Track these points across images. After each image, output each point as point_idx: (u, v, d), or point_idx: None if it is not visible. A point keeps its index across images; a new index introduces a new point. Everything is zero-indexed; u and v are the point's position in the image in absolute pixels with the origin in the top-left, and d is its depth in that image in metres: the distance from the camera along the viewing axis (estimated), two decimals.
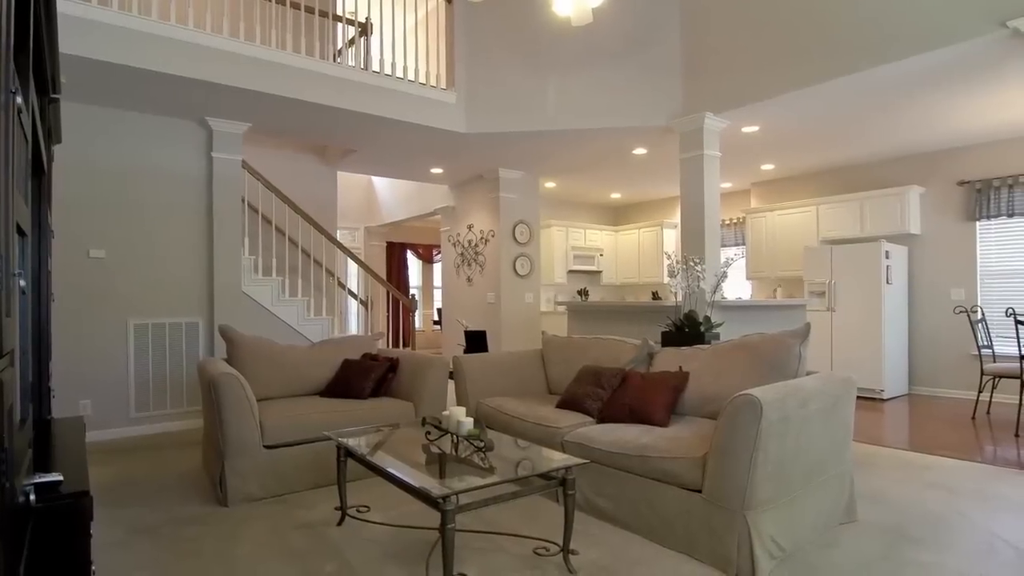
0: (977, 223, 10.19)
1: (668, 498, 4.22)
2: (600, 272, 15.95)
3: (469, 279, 12.79)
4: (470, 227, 12.74)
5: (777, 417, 3.77)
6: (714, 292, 7.58)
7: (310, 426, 5.65)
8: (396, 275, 18.81)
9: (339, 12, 9.25)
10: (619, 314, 8.86)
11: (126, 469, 6.37)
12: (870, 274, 10.33)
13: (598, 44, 8.81)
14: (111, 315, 7.82)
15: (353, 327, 14.45)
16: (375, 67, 8.37)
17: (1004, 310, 8.98)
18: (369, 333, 9.59)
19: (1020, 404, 7.79)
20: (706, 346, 5.77)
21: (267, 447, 5.42)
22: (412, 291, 19.54)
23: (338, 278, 10.89)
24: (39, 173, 3.01)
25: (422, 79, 8.93)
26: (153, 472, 6.25)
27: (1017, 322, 7.63)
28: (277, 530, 4.65)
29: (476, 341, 11.04)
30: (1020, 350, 7.62)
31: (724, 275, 7.47)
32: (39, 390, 3.03)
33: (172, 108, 7.93)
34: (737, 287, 13.62)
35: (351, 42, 9.38)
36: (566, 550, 3.92)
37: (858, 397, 9.59)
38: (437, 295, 19.99)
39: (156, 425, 8.07)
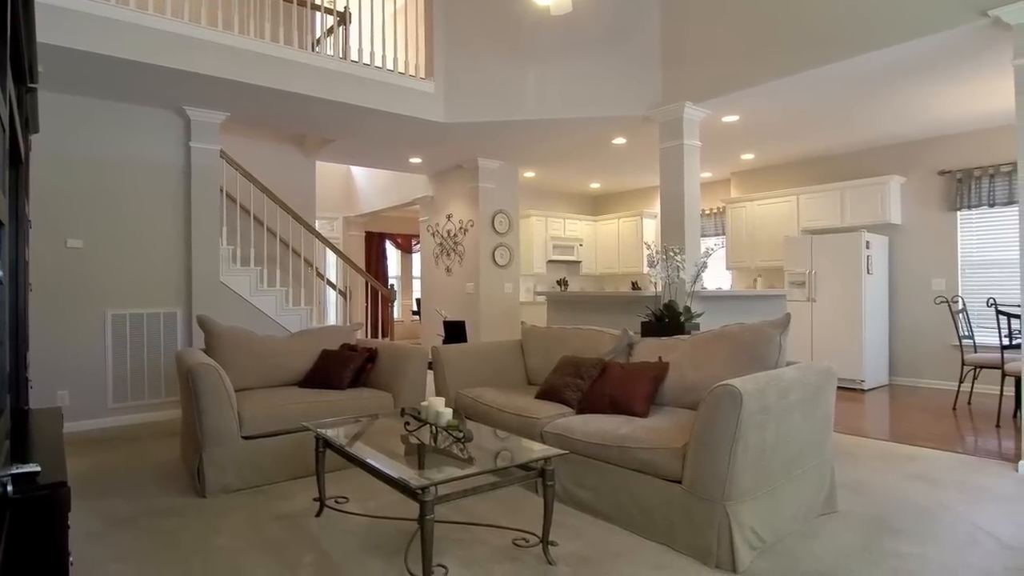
0: (958, 213, 10.25)
1: (648, 489, 4.24)
2: (579, 262, 15.98)
3: (448, 269, 12.79)
4: (449, 217, 12.74)
5: (757, 407, 3.80)
6: (694, 282, 7.61)
7: (288, 417, 5.65)
8: (375, 265, 18.77)
9: (317, 1, 9.23)
10: (598, 304, 8.88)
11: (104, 460, 6.35)
12: (851, 264, 10.39)
13: (578, 33, 8.81)
14: (89, 305, 7.78)
15: (332, 317, 14.44)
16: (353, 56, 8.38)
17: (985, 300, 9.06)
18: (348, 323, 9.59)
19: (1001, 394, 7.90)
20: (686, 336, 5.79)
21: (245, 438, 5.42)
22: (391, 281, 19.50)
23: (316, 268, 10.88)
24: (17, 163, 3.00)
25: (401, 68, 8.91)
26: (131, 463, 6.24)
27: (998, 312, 7.70)
28: (255, 521, 4.65)
29: (455, 331, 11.05)
30: (1001, 340, 7.70)
31: (704, 265, 7.51)
32: (16, 380, 3.02)
33: (150, 98, 7.89)
34: (717, 277, 13.68)
35: (329, 31, 9.36)
36: (545, 541, 3.94)
37: (838, 388, 9.60)
38: (416, 285, 19.95)
39: (134, 416, 8.05)
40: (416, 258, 19.85)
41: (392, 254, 19.81)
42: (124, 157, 8.03)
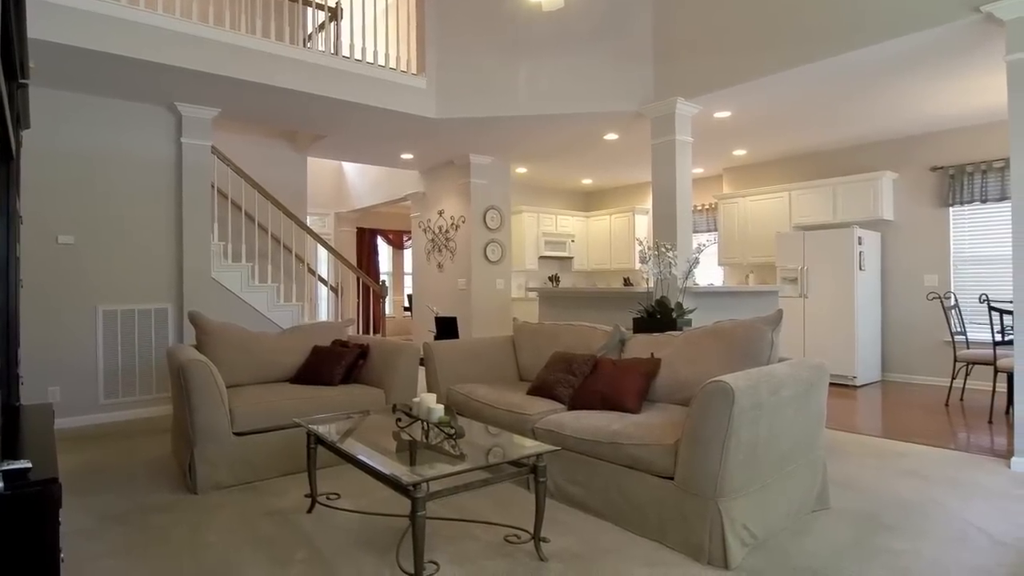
0: (950, 209, 10.28)
1: (640, 485, 4.25)
2: (571, 258, 15.97)
3: (440, 265, 12.80)
4: (440, 213, 12.74)
5: (749, 404, 3.80)
6: (686, 278, 7.61)
7: (280, 413, 5.66)
8: (366, 261, 18.75)
9: None
10: (590, 300, 8.88)
11: (95, 456, 6.35)
12: (843, 260, 10.41)
13: (569, 29, 8.82)
14: (80, 301, 7.78)
15: (323, 313, 14.43)
16: (345, 52, 8.37)
17: (977, 296, 9.07)
18: (339, 319, 9.59)
19: (993, 391, 7.89)
20: (678, 332, 5.81)
21: (237, 434, 5.42)
22: (382, 277, 19.49)
23: (308, 264, 10.87)
24: (8, 159, 3.00)
25: (392, 64, 8.91)
26: (122, 459, 6.23)
27: (990, 308, 7.71)
28: (247, 518, 4.65)
29: (446, 327, 11.05)
30: (993, 336, 7.73)
31: (696, 261, 7.51)
32: (7, 376, 3.02)
33: (141, 93, 7.88)
34: (709, 273, 13.70)
35: (321, 27, 9.35)
36: (537, 538, 3.96)
37: (831, 384, 9.65)
38: (407, 281, 19.96)
39: (125, 412, 8.05)
40: (408, 254, 19.87)
41: (384, 250, 19.78)
42: (115, 153, 8.02)
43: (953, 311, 8.74)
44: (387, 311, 17.88)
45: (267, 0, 8.99)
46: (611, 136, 10.53)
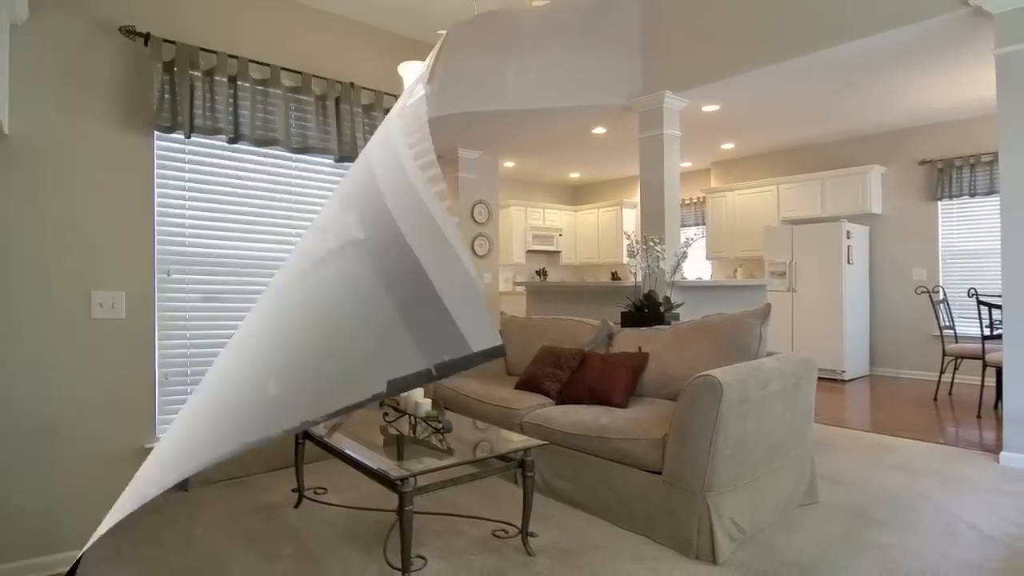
0: (939, 203, 10.34)
1: (628, 480, 4.26)
2: (559, 252, 16.01)
3: None
4: None
5: (737, 398, 3.81)
6: (674, 272, 7.63)
7: None
8: None
9: None
10: (578, 294, 8.89)
11: None
12: (831, 254, 10.45)
13: (558, 23, 8.80)
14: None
15: None
16: None
17: (966, 290, 9.10)
18: None
19: (982, 385, 7.93)
20: (666, 327, 5.82)
21: None
22: None
23: None
24: None
25: None
26: None
27: (979, 302, 7.75)
28: (234, 513, 4.66)
29: None
30: (982, 330, 7.77)
31: (684, 255, 7.53)
32: None
33: None
34: (697, 267, 13.73)
35: None
36: (525, 532, 3.96)
37: (819, 378, 9.61)
38: None
39: None
40: None
41: None
42: None
43: (942, 305, 8.77)
44: None
45: None
46: (599, 130, 10.52)
